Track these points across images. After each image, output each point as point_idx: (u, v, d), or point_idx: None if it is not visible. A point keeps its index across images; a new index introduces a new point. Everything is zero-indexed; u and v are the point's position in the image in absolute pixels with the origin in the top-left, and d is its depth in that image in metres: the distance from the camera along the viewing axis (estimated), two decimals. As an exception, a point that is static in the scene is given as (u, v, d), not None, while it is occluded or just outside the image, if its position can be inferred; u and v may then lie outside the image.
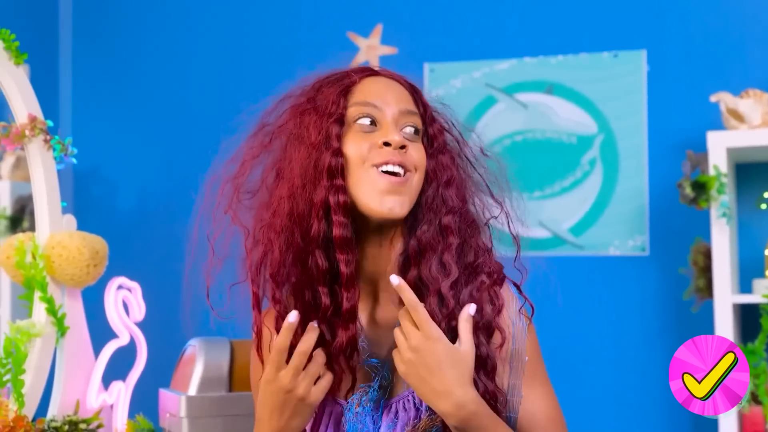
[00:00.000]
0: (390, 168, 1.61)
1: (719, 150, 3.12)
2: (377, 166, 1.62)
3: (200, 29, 4.14)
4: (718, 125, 3.27)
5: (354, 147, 1.63)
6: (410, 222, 1.67)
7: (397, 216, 1.62)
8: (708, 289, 3.22)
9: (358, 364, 1.66)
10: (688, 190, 3.13)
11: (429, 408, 1.61)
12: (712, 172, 3.11)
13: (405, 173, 1.62)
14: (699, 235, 3.30)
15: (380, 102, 1.66)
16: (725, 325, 3.07)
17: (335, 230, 1.61)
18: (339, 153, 1.63)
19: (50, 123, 2.45)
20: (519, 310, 1.68)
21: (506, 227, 1.74)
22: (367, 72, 1.72)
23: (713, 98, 3.21)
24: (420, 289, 1.63)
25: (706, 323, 3.21)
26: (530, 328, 1.69)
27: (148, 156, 4.15)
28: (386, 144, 1.62)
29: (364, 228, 1.66)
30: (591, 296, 3.54)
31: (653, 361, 3.46)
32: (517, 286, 1.71)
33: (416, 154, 1.66)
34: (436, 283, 1.62)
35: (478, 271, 1.66)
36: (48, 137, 2.43)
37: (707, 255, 3.23)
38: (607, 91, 3.62)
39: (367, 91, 1.68)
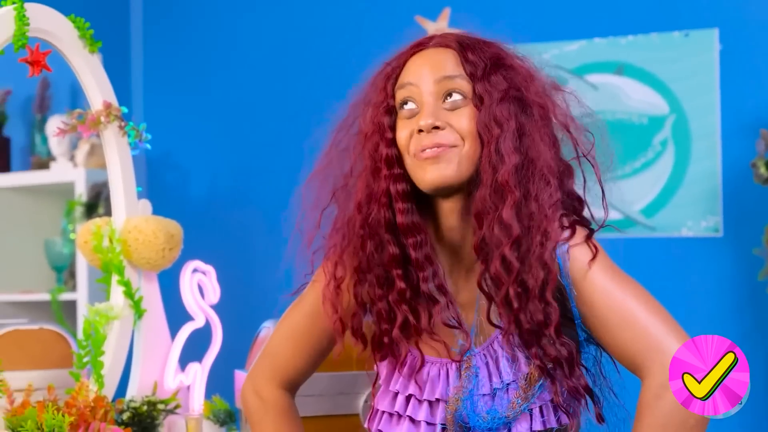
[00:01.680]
0: (428, 153, 1.64)
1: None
2: (416, 155, 1.66)
3: (269, 15, 4.16)
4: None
5: (401, 135, 1.69)
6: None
7: (440, 183, 1.64)
8: (782, 270, 3.19)
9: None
10: (762, 170, 3.10)
11: (527, 357, 1.65)
12: (783, 151, 3.08)
13: (450, 148, 1.64)
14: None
15: (417, 79, 1.68)
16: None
17: (398, 217, 1.68)
18: (393, 143, 1.70)
19: (125, 109, 2.48)
20: (567, 250, 1.65)
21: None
22: (414, 50, 1.73)
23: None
24: (486, 252, 1.64)
25: (780, 304, 3.18)
26: (575, 255, 1.65)
27: (219, 142, 4.19)
28: (421, 130, 1.65)
29: (437, 204, 1.71)
30: (664, 278, 3.51)
31: (727, 342, 3.43)
32: (591, 231, 1.69)
33: (462, 122, 1.66)
34: (499, 244, 1.62)
35: (539, 229, 1.63)
36: (123, 123, 2.46)
37: (780, 234, 3.19)
38: (679, 71, 3.58)
39: (407, 72, 1.71)
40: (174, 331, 2.50)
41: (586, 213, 1.75)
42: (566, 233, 1.66)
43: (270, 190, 2.99)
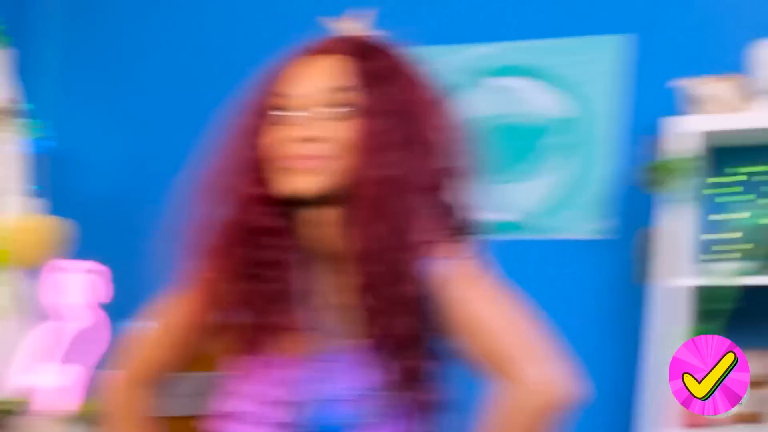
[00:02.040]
0: (294, 163, 1.62)
1: (679, 135, 3.14)
2: (282, 162, 1.64)
3: (182, 19, 4.16)
4: (679, 111, 3.28)
5: (269, 140, 1.66)
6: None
7: (303, 194, 1.62)
8: (656, 273, 3.22)
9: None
10: (648, 175, 3.16)
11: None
12: (672, 156, 3.13)
13: (319, 160, 1.62)
14: (657, 219, 3.31)
15: (294, 89, 1.66)
16: (677, 309, 3.10)
17: (256, 220, 1.67)
18: (256, 146, 1.67)
19: (31, 106, 2.45)
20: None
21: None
22: (300, 55, 1.70)
23: (676, 83, 3.23)
24: (355, 263, 1.64)
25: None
26: (441, 268, 1.64)
27: (124, 143, 4.18)
28: (291, 140, 1.63)
29: (308, 211, 1.68)
30: (550, 280, 3.56)
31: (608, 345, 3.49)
32: (467, 240, 1.70)
33: (337, 133, 1.63)
34: (366, 257, 1.63)
35: (407, 242, 1.62)
36: (21, 121, 2.43)
37: (660, 239, 3.22)
38: (582, 75, 3.62)
39: (288, 79, 1.68)
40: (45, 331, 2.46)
41: (474, 218, 1.74)
42: (435, 246, 1.65)
43: (165, 191, 2.99)
